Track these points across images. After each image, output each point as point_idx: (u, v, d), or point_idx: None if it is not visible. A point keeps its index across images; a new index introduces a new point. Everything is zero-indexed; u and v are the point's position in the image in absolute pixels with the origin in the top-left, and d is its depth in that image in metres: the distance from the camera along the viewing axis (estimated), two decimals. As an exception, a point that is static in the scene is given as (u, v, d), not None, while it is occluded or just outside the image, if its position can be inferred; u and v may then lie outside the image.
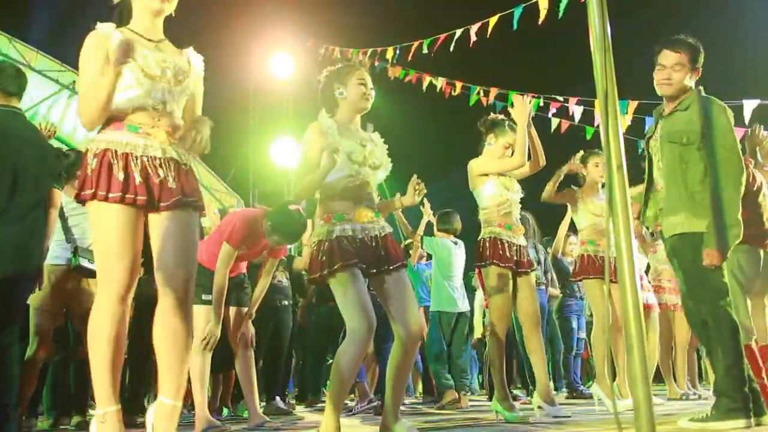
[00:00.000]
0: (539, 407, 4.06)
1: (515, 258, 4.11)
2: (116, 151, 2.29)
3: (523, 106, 4.06)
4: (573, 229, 5.61)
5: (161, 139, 2.37)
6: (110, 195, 2.26)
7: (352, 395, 6.35)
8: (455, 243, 5.95)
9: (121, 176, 2.27)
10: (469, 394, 6.10)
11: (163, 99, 2.38)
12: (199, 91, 2.59)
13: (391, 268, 2.97)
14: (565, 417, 3.96)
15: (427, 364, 6.27)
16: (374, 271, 2.96)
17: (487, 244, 4.11)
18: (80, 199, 2.33)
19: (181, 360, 2.35)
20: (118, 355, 2.26)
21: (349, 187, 2.97)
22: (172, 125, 2.43)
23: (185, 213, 2.41)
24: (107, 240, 2.28)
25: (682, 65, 3.24)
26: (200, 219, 2.57)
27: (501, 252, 4.07)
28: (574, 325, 7.15)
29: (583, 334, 7.38)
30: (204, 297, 3.87)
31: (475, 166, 4.25)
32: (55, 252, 4.06)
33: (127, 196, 2.27)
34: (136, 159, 2.31)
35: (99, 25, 2.39)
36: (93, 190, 2.26)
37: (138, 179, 2.29)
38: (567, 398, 6.75)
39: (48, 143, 3.75)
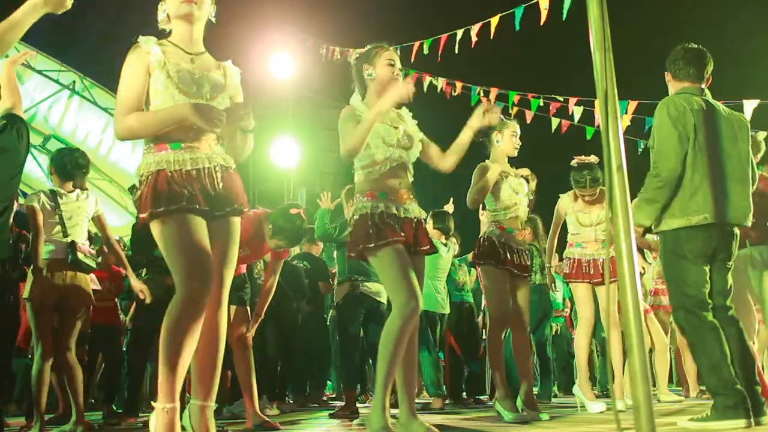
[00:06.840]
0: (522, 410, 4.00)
1: (515, 261, 4.10)
2: (167, 170, 2.33)
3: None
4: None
5: (205, 150, 2.42)
6: (170, 208, 2.28)
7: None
8: (445, 245, 5.89)
9: (176, 190, 2.30)
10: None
11: None
12: (239, 101, 2.62)
13: (420, 250, 3.04)
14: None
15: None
16: (409, 250, 2.99)
17: (486, 244, 4.12)
18: (144, 222, 2.34)
19: (216, 363, 2.41)
20: (187, 355, 2.28)
21: (387, 169, 3.02)
22: (212, 137, 2.47)
23: (231, 219, 2.46)
24: (175, 249, 2.30)
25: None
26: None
27: (498, 253, 4.07)
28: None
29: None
30: None
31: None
32: (50, 247, 4.08)
33: (184, 205, 2.29)
34: (186, 173, 2.34)
35: (140, 38, 2.44)
36: (150, 210, 2.29)
37: (192, 191, 2.32)
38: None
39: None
